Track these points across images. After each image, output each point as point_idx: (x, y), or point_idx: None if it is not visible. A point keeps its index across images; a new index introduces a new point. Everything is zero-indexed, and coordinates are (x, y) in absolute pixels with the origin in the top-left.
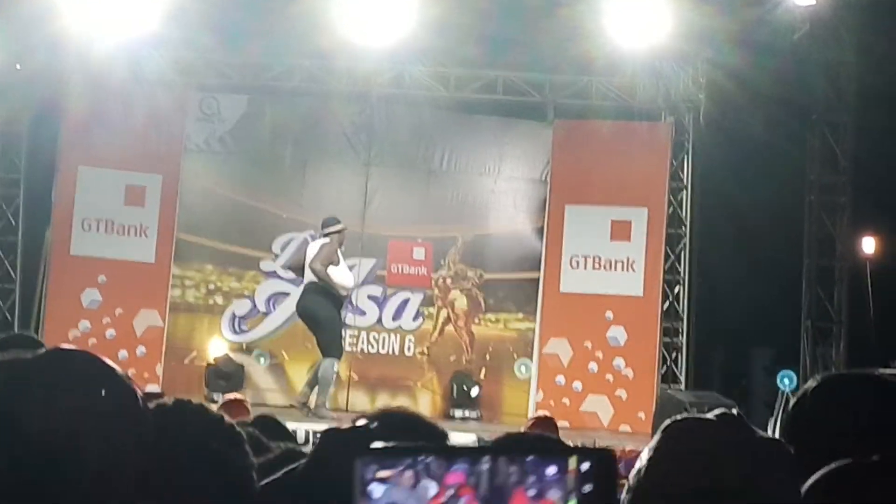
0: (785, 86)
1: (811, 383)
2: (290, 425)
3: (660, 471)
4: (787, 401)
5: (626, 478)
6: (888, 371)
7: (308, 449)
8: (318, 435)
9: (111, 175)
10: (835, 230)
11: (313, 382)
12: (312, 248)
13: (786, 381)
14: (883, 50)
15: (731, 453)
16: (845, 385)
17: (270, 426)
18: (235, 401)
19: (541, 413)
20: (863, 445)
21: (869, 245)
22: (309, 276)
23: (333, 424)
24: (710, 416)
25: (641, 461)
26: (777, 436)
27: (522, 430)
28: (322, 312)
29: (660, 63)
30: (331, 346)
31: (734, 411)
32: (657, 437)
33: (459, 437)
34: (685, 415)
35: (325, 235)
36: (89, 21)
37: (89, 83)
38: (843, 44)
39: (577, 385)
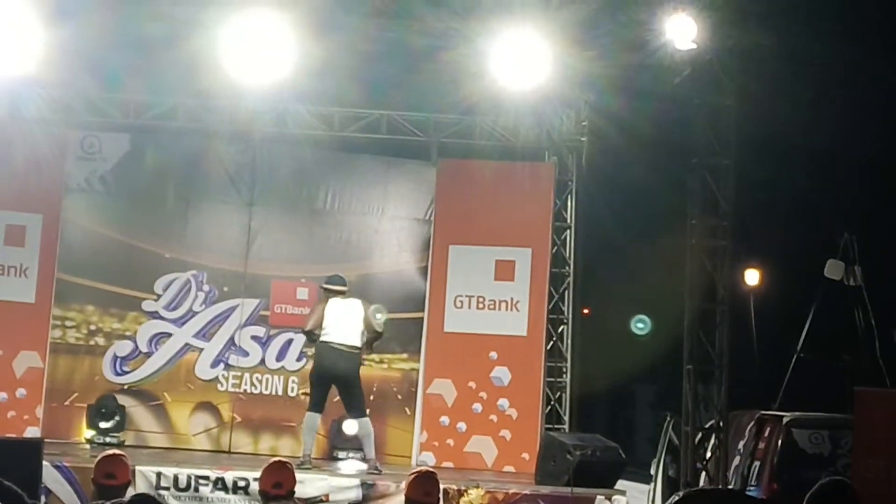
0: (666, 129)
1: (673, 499)
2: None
3: None
4: (670, 440)
5: None
6: (769, 413)
7: None
8: None
9: None
10: (716, 273)
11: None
12: (360, 312)
13: (639, 325)
14: (762, 94)
15: None
16: (707, 501)
17: None
18: (114, 456)
19: (421, 468)
20: None
21: (752, 277)
22: (353, 340)
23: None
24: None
25: None
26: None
27: (404, 485)
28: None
29: (542, 105)
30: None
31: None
32: None
33: (343, 482)
34: None
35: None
36: None
37: None
38: (723, 88)
39: (462, 426)
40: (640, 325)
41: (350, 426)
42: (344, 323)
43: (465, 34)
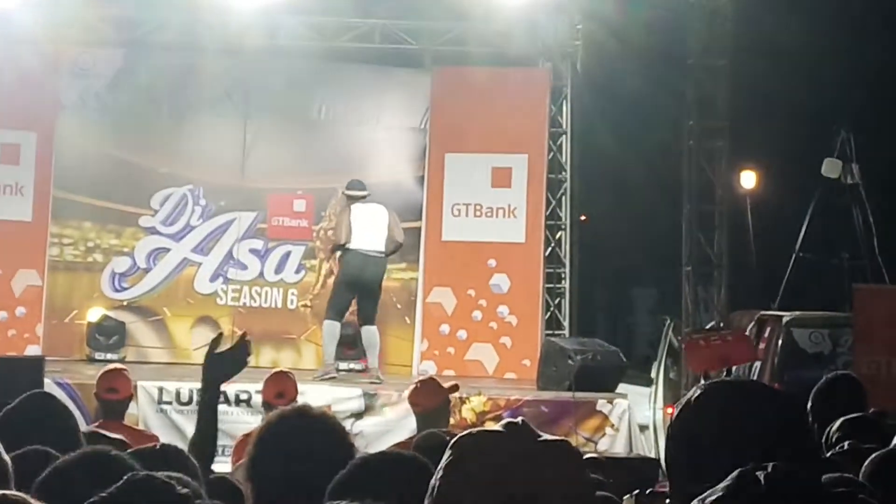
0: (661, 32)
1: (694, 391)
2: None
3: (451, 488)
4: (670, 342)
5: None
6: (769, 313)
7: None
8: None
9: None
10: (713, 175)
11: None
12: (385, 219)
13: None
14: None
15: (518, 463)
16: (727, 394)
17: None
18: (116, 370)
19: (423, 376)
20: (747, 456)
21: (749, 180)
22: (378, 246)
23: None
24: (497, 427)
25: (434, 479)
26: (660, 391)
27: (407, 394)
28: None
29: (536, 10)
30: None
31: (520, 420)
32: (446, 453)
33: (344, 392)
34: (474, 430)
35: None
36: None
37: None
38: None
39: (462, 334)
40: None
41: (367, 334)
42: (369, 229)
43: None
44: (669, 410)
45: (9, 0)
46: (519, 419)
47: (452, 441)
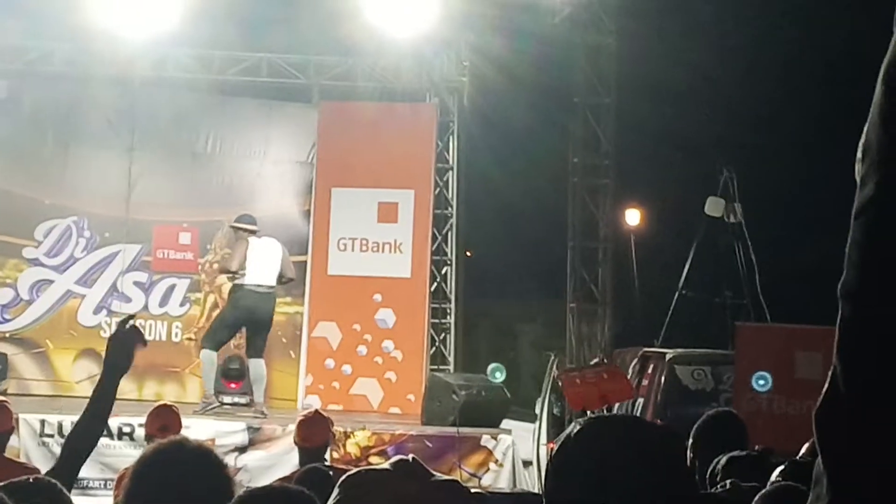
0: (547, 69)
1: (573, 427)
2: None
3: None
4: (554, 378)
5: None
6: (652, 350)
7: None
8: None
9: None
10: (598, 212)
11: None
12: (279, 253)
13: (497, 374)
14: (641, 33)
15: (407, 502)
16: (605, 429)
17: None
18: None
19: (308, 410)
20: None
21: (633, 217)
22: (272, 281)
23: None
24: (386, 464)
25: None
26: (544, 427)
27: (291, 428)
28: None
29: (423, 46)
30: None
31: (410, 457)
32: (335, 492)
33: (229, 426)
34: (361, 468)
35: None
36: None
37: None
38: (602, 28)
39: (347, 368)
40: (498, 373)
41: (254, 367)
42: (264, 263)
43: None
44: (553, 446)
45: None
46: (410, 457)
47: (341, 479)
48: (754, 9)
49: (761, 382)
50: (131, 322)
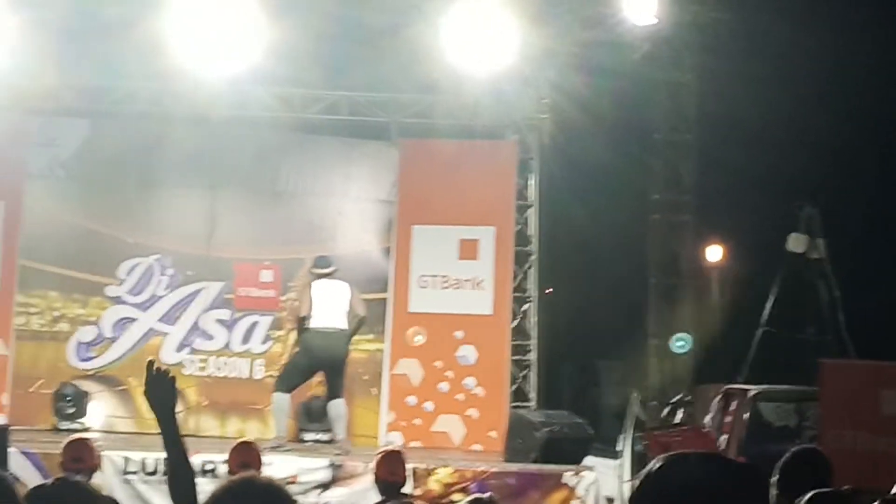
0: (627, 106)
1: (654, 464)
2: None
3: None
4: (637, 415)
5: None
6: (735, 387)
7: None
8: None
9: None
10: (679, 248)
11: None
12: (346, 294)
13: (679, 343)
14: (722, 70)
15: None
16: (687, 466)
17: None
18: (81, 440)
19: (388, 447)
20: None
21: (714, 253)
22: (339, 322)
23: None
24: (464, 501)
25: None
26: (626, 464)
27: (372, 464)
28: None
29: (502, 83)
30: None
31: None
32: None
33: (311, 463)
34: None
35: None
36: None
37: None
38: (683, 64)
39: (429, 405)
40: (680, 342)
41: (334, 406)
42: (331, 305)
43: (424, 12)
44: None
45: None
46: (487, 494)
47: None
48: (834, 46)
49: (679, 344)
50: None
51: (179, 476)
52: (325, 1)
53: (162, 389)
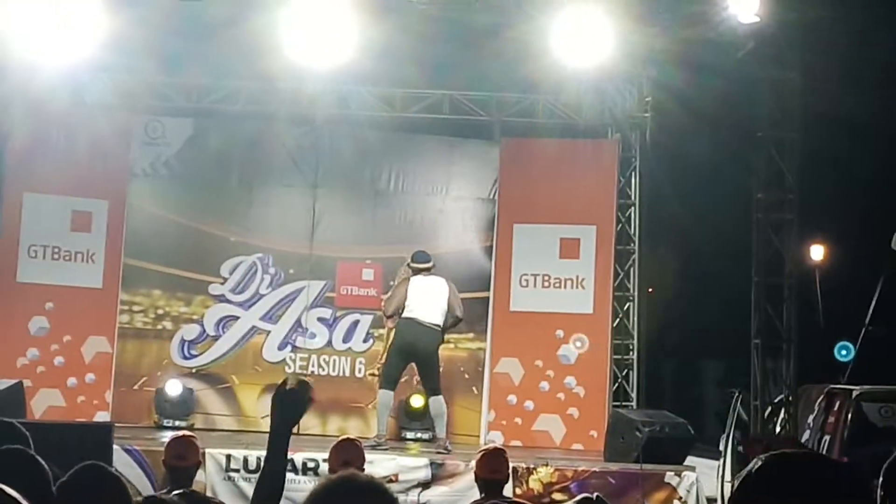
0: (729, 104)
1: (755, 463)
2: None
3: None
4: (739, 415)
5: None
6: (838, 387)
7: None
8: None
9: (57, 201)
10: (783, 247)
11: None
12: (444, 292)
13: (843, 352)
14: (826, 67)
15: None
16: (788, 466)
17: None
18: (184, 437)
19: (490, 445)
20: None
21: (818, 253)
22: (435, 319)
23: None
24: (570, 503)
25: None
26: (728, 464)
27: (473, 463)
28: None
29: (604, 82)
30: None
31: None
32: None
33: (412, 462)
34: None
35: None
36: (30, 47)
37: (32, 109)
38: (787, 62)
39: (529, 404)
40: (844, 351)
41: (433, 404)
42: (428, 301)
43: (526, 11)
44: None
45: (82, 68)
46: (594, 494)
47: None
48: None
49: (843, 353)
50: (290, 382)
51: (268, 487)
52: (428, 1)
53: (292, 407)
